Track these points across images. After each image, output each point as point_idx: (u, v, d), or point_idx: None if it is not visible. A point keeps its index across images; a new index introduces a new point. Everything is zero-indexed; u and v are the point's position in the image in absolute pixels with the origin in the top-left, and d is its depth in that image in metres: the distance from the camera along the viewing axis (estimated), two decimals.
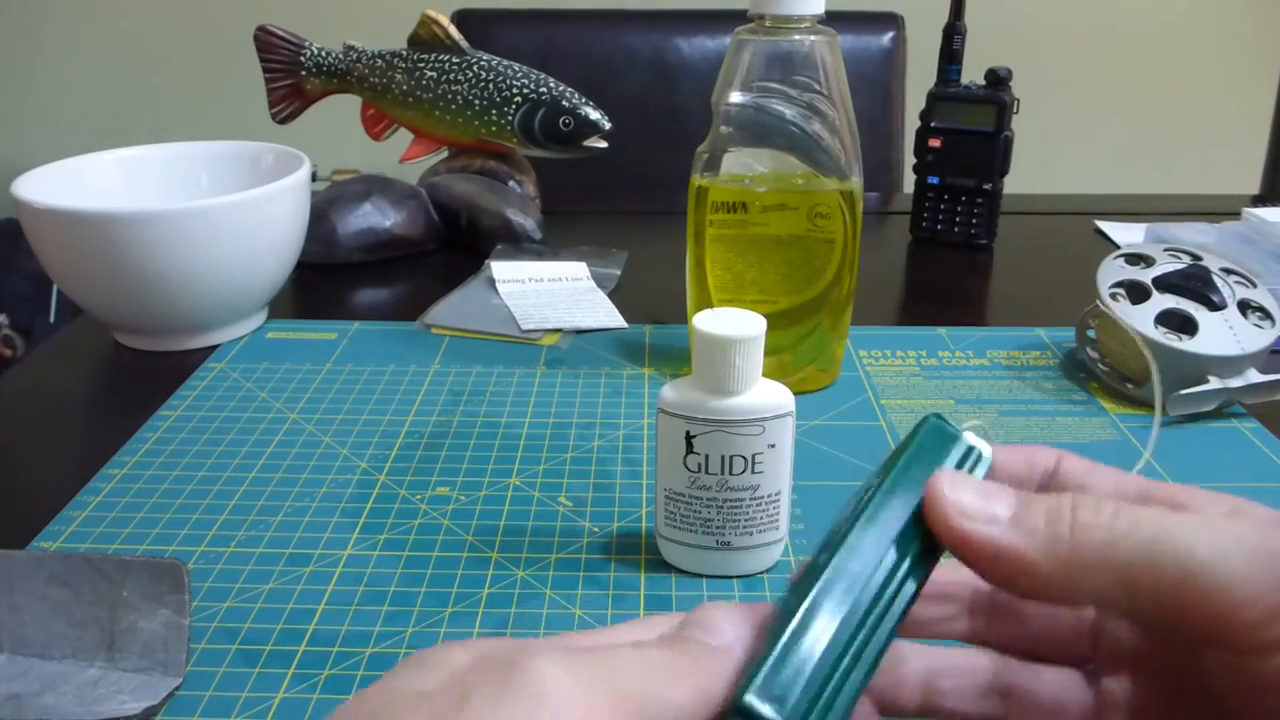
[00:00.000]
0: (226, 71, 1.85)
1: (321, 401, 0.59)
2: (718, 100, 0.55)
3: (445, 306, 0.71)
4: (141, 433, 0.56)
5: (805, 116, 0.54)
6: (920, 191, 0.86)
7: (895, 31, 1.30)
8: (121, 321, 0.66)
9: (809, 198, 0.55)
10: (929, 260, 0.84)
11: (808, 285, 0.57)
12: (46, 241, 0.63)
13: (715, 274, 0.58)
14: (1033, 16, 1.91)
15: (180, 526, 0.47)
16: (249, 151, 0.73)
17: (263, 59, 0.88)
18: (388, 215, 0.81)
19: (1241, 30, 1.93)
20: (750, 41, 0.54)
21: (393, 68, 0.85)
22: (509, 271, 0.75)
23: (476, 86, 0.83)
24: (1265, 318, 0.57)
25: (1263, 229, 0.78)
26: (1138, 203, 0.99)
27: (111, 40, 1.98)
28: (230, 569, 0.44)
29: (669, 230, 0.69)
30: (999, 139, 0.82)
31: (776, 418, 0.41)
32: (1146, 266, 0.60)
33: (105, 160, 0.71)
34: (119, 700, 0.36)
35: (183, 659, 0.38)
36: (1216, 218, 0.86)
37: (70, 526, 0.47)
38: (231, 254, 0.63)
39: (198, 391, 0.60)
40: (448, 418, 0.57)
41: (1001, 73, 0.81)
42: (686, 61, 1.29)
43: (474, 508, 0.49)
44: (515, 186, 0.87)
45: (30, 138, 2.03)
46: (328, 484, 0.51)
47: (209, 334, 0.66)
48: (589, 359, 0.64)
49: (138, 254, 0.60)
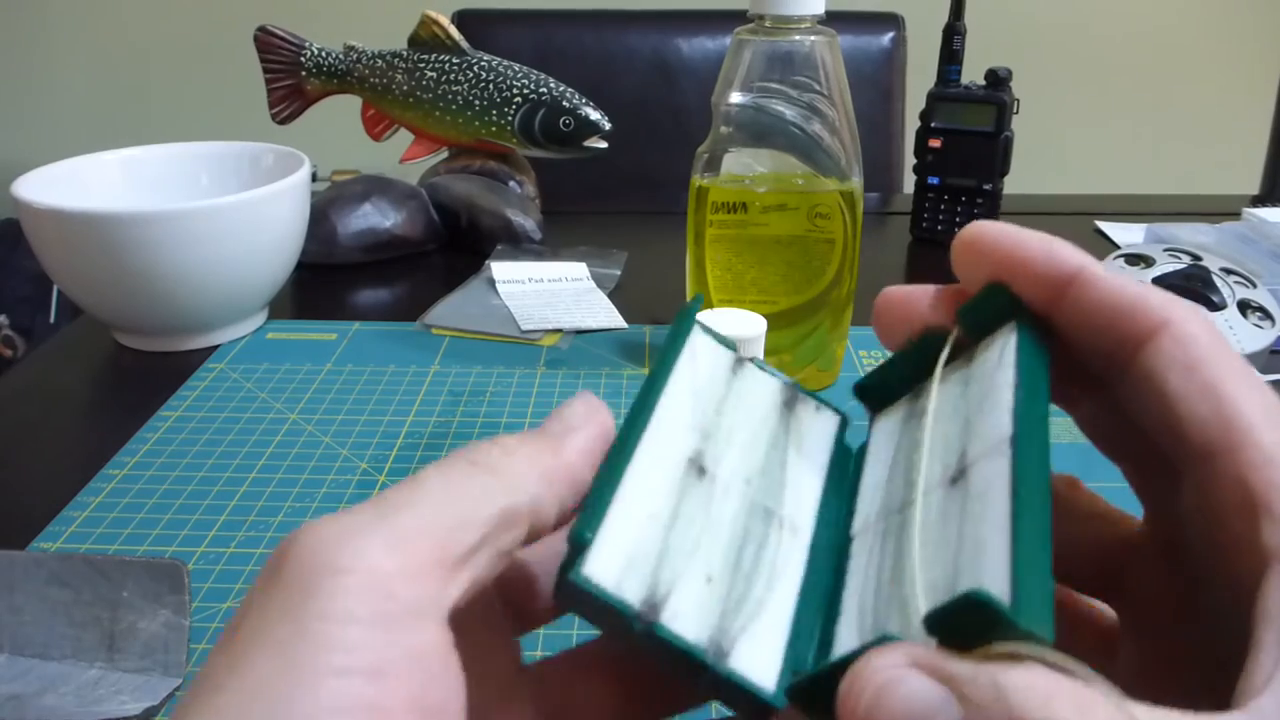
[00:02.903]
0: (227, 72, 1.85)
1: (321, 402, 0.59)
2: (718, 100, 0.55)
3: (445, 307, 0.71)
4: (141, 433, 0.56)
5: (805, 117, 0.54)
6: (920, 191, 0.86)
7: (895, 31, 1.30)
8: (121, 321, 0.66)
9: (809, 198, 0.55)
10: (929, 260, 0.83)
11: (808, 285, 0.57)
12: (46, 241, 0.63)
13: (715, 274, 0.58)
14: (1033, 16, 1.92)
15: (180, 527, 0.47)
16: (249, 151, 0.73)
17: (263, 59, 0.88)
18: (388, 215, 0.81)
19: (1241, 30, 1.93)
20: (750, 42, 0.54)
21: (393, 68, 0.85)
22: (509, 272, 0.75)
23: (476, 87, 0.83)
24: (1265, 318, 0.57)
25: (1263, 229, 0.78)
26: (1138, 203, 0.99)
27: (112, 40, 1.98)
28: (230, 569, 0.44)
29: (669, 230, 0.69)
30: (999, 139, 0.82)
31: None
32: (1146, 266, 0.60)
33: (105, 160, 0.71)
34: (119, 701, 0.36)
35: (183, 659, 0.38)
36: (1216, 218, 0.86)
37: (70, 527, 0.47)
38: (231, 254, 0.63)
39: (198, 392, 0.60)
40: (448, 418, 0.57)
41: (1001, 73, 0.81)
42: (686, 61, 1.29)
43: None
44: (515, 186, 0.87)
45: (30, 138, 2.03)
46: (328, 484, 0.51)
47: (209, 334, 0.66)
48: (589, 359, 0.64)
49: (138, 254, 0.60)
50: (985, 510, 0.19)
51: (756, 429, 0.25)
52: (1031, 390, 0.21)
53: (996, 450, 0.20)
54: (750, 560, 0.22)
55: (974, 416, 0.22)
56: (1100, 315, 0.22)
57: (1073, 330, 0.22)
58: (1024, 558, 0.17)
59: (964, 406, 0.23)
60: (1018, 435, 0.20)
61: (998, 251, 0.23)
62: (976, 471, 0.20)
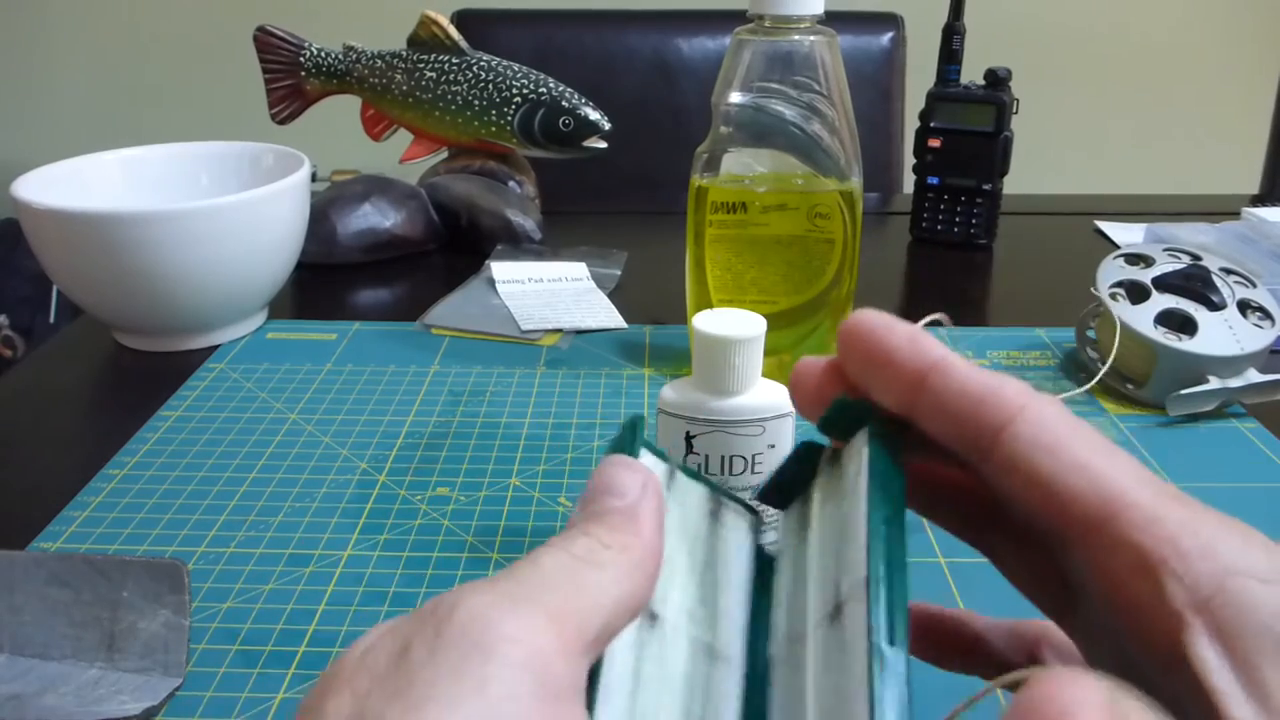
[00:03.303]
0: (227, 72, 1.85)
1: (321, 402, 0.59)
2: (718, 100, 0.55)
3: (445, 307, 0.71)
4: (142, 433, 0.56)
5: (805, 117, 0.54)
6: (920, 191, 0.86)
7: (895, 31, 1.30)
8: (121, 321, 0.66)
9: (809, 198, 0.55)
10: (929, 260, 0.84)
11: (808, 285, 0.57)
12: (46, 241, 0.63)
13: (715, 274, 0.58)
14: (1033, 17, 1.91)
15: (180, 527, 0.47)
16: (249, 151, 0.73)
17: (262, 59, 0.88)
18: (388, 215, 0.81)
19: (1241, 30, 1.93)
20: (750, 41, 0.54)
21: (392, 68, 0.85)
22: (509, 272, 0.75)
23: (476, 87, 0.83)
24: (1265, 318, 0.57)
25: (1263, 229, 0.78)
26: (1138, 203, 0.99)
27: (112, 41, 1.98)
28: (230, 569, 0.44)
29: (669, 230, 0.69)
30: (999, 139, 0.82)
31: (776, 418, 0.41)
32: (1146, 266, 0.60)
33: (105, 160, 0.71)
34: (119, 701, 0.36)
35: (183, 659, 0.38)
36: (1216, 218, 0.86)
37: (70, 527, 0.47)
38: (231, 254, 0.63)
39: (198, 392, 0.60)
40: (448, 418, 0.57)
41: (1001, 73, 0.81)
42: (686, 61, 1.29)
43: (474, 508, 0.49)
44: (515, 186, 0.87)
45: (30, 138, 2.03)
46: (328, 484, 0.51)
47: (209, 334, 0.66)
48: (589, 359, 0.64)
49: (138, 254, 0.60)
50: (851, 663, 0.20)
51: (692, 548, 0.26)
52: (883, 516, 0.22)
53: (855, 595, 0.21)
54: (698, 712, 0.23)
55: (841, 546, 0.23)
56: (959, 402, 0.23)
57: (934, 418, 0.23)
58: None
59: (835, 528, 0.24)
60: (870, 578, 0.21)
61: (872, 337, 0.24)
62: (848, 613, 0.21)
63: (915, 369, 0.23)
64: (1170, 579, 0.19)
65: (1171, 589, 0.19)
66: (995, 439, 0.22)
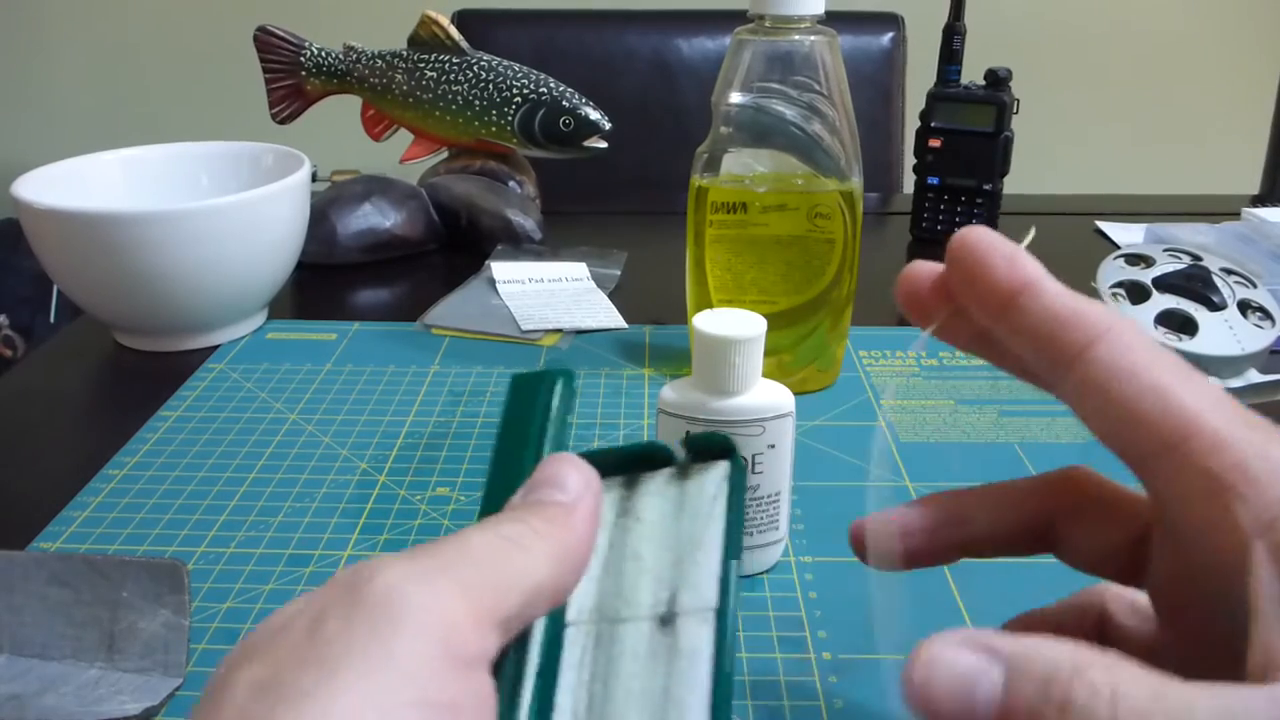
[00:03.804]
0: (227, 72, 1.85)
1: (321, 402, 0.59)
2: (718, 100, 0.55)
3: (445, 307, 0.71)
4: (141, 433, 0.56)
5: (805, 117, 0.54)
6: (920, 192, 0.86)
7: (895, 31, 1.30)
8: (121, 321, 0.66)
9: (809, 198, 0.55)
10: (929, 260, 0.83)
11: (808, 285, 0.57)
12: (46, 241, 0.63)
13: (715, 274, 0.58)
14: (1033, 16, 1.91)
15: (180, 527, 0.47)
16: (249, 151, 0.73)
17: (263, 59, 0.88)
18: (388, 215, 0.81)
19: (1241, 30, 1.93)
20: (750, 42, 0.54)
21: (393, 68, 0.85)
22: (509, 272, 0.75)
23: (476, 87, 0.83)
24: (1265, 318, 0.57)
25: (1263, 229, 0.78)
26: (1138, 203, 0.99)
27: (112, 40, 1.98)
28: (230, 569, 0.44)
29: (669, 230, 0.69)
30: (999, 139, 0.82)
31: (776, 418, 0.41)
32: (1146, 267, 0.60)
33: (105, 160, 0.71)
34: (119, 701, 0.36)
35: (183, 659, 0.38)
36: (1216, 218, 0.86)
37: (70, 527, 0.47)
38: (231, 254, 0.63)
39: (198, 392, 0.60)
40: (448, 418, 0.57)
41: (1001, 73, 0.81)
42: (686, 61, 1.29)
43: (474, 508, 0.49)
44: (515, 186, 0.87)
45: (30, 138, 2.03)
46: (328, 484, 0.51)
47: (209, 334, 0.66)
48: (589, 359, 0.64)
49: (138, 254, 0.60)
50: (693, 675, 0.23)
51: None
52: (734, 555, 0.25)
53: (703, 617, 0.24)
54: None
55: (685, 559, 0.25)
56: (1045, 324, 0.23)
57: (1020, 337, 0.24)
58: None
59: (676, 537, 0.26)
60: (721, 610, 0.24)
61: (975, 251, 0.25)
62: (685, 626, 0.24)
63: (1009, 287, 0.24)
64: (1237, 501, 0.20)
65: (1238, 511, 0.20)
66: (1075, 361, 0.23)
